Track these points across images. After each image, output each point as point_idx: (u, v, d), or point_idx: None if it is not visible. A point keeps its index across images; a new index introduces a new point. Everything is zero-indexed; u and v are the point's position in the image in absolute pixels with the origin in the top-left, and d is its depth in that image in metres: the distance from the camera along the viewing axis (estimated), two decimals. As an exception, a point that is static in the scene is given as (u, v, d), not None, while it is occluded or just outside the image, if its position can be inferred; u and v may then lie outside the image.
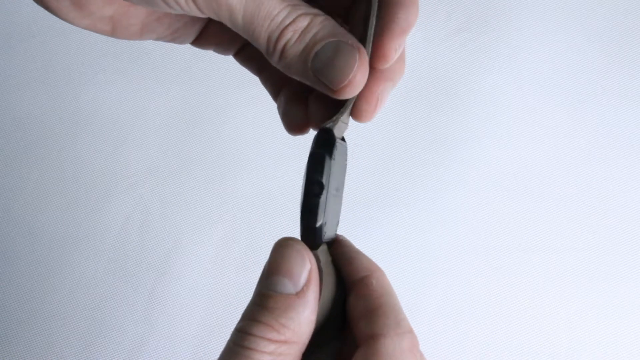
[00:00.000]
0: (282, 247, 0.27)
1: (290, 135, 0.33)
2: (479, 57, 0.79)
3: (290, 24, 0.28)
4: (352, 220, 0.63)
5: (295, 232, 0.30)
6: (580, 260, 0.72)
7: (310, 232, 0.28)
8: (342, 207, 0.32)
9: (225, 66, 0.76)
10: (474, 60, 0.79)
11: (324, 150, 0.28)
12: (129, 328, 0.69)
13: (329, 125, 0.29)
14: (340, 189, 0.31)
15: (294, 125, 0.32)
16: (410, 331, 0.28)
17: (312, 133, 0.32)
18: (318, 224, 0.28)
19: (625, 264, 0.72)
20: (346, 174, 0.32)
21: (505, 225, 0.73)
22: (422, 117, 0.77)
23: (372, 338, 0.27)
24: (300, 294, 0.26)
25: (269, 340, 0.25)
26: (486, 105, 0.77)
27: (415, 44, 0.79)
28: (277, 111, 0.34)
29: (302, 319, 0.26)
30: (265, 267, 0.27)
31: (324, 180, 0.27)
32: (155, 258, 0.72)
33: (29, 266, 0.71)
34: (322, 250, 0.29)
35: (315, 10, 0.28)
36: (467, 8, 0.81)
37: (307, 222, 0.28)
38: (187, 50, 0.79)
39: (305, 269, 0.27)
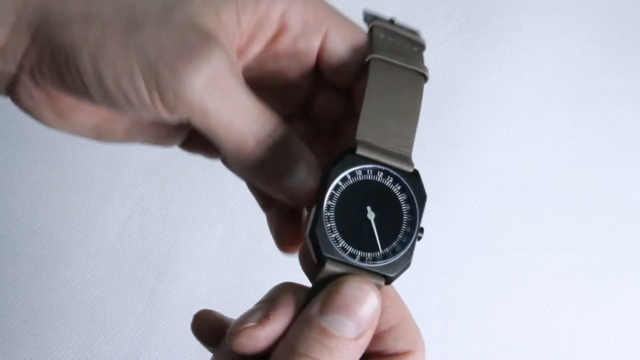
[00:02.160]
0: (361, 292, 0.27)
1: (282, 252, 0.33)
2: (479, 57, 0.79)
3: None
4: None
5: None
6: (580, 260, 0.72)
7: (404, 270, 0.28)
8: None
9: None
10: (474, 60, 0.79)
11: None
12: (129, 328, 0.69)
13: (412, 169, 0.29)
14: None
15: (288, 244, 0.32)
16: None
17: None
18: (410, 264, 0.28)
19: (625, 264, 0.72)
20: None
21: (505, 225, 0.73)
22: (421, 117, 0.77)
23: (404, 354, 0.27)
24: (359, 338, 0.26)
25: None
26: (486, 105, 0.77)
27: (415, 44, 0.79)
28: None
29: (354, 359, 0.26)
30: (331, 297, 0.27)
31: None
32: (155, 258, 0.72)
33: (29, 266, 0.71)
34: None
35: (276, 120, 0.29)
36: (467, 8, 0.81)
37: (407, 265, 0.28)
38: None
39: (373, 316, 0.27)
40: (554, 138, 0.76)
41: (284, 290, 0.28)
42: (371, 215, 0.28)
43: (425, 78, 0.31)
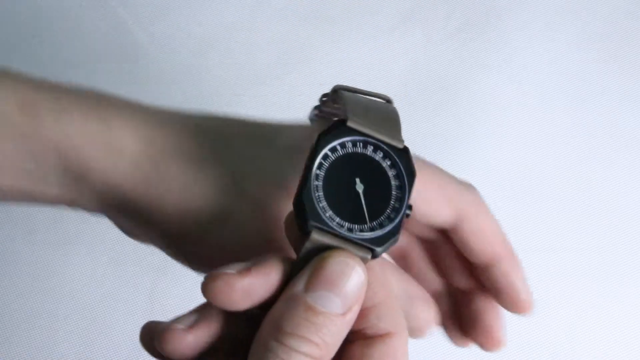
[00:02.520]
0: (347, 267, 0.26)
1: None
2: (479, 57, 0.79)
3: None
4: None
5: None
6: (580, 260, 0.72)
7: (390, 245, 0.28)
8: None
9: (227, 66, 0.76)
10: (474, 60, 0.79)
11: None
12: (129, 328, 0.69)
13: (402, 145, 0.29)
14: None
15: None
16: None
17: None
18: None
19: (625, 264, 0.72)
20: None
21: (505, 225, 0.73)
22: (421, 117, 0.77)
23: (386, 336, 0.27)
24: (346, 313, 0.26)
25: (313, 357, 0.25)
26: (486, 105, 0.77)
27: (415, 43, 0.79)
28: (279, 110, 0.34)
29: (342, 336, 0.26)
30: (316, 273, 0.26)
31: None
32: (155, 258, 0.72)
33: (29, 266, 0.71)
34: None
35: None
36: (467, 8, 0.81)
37: (394, 240, 0.28)
38: (188, 50, 0.79)
39: (359, 291, 0.26)
40: (554, 138, 0.76)
41: (270, 255, 0.28)
42: (360, 187, 0.28)
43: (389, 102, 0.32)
